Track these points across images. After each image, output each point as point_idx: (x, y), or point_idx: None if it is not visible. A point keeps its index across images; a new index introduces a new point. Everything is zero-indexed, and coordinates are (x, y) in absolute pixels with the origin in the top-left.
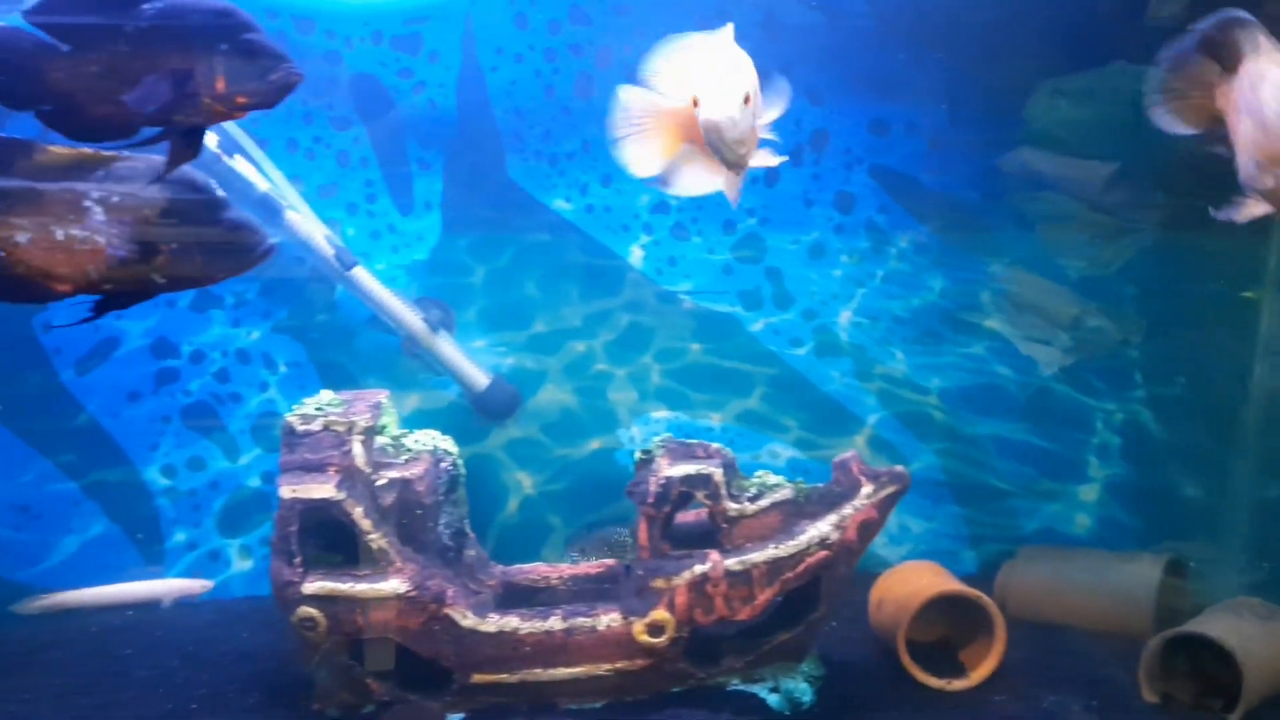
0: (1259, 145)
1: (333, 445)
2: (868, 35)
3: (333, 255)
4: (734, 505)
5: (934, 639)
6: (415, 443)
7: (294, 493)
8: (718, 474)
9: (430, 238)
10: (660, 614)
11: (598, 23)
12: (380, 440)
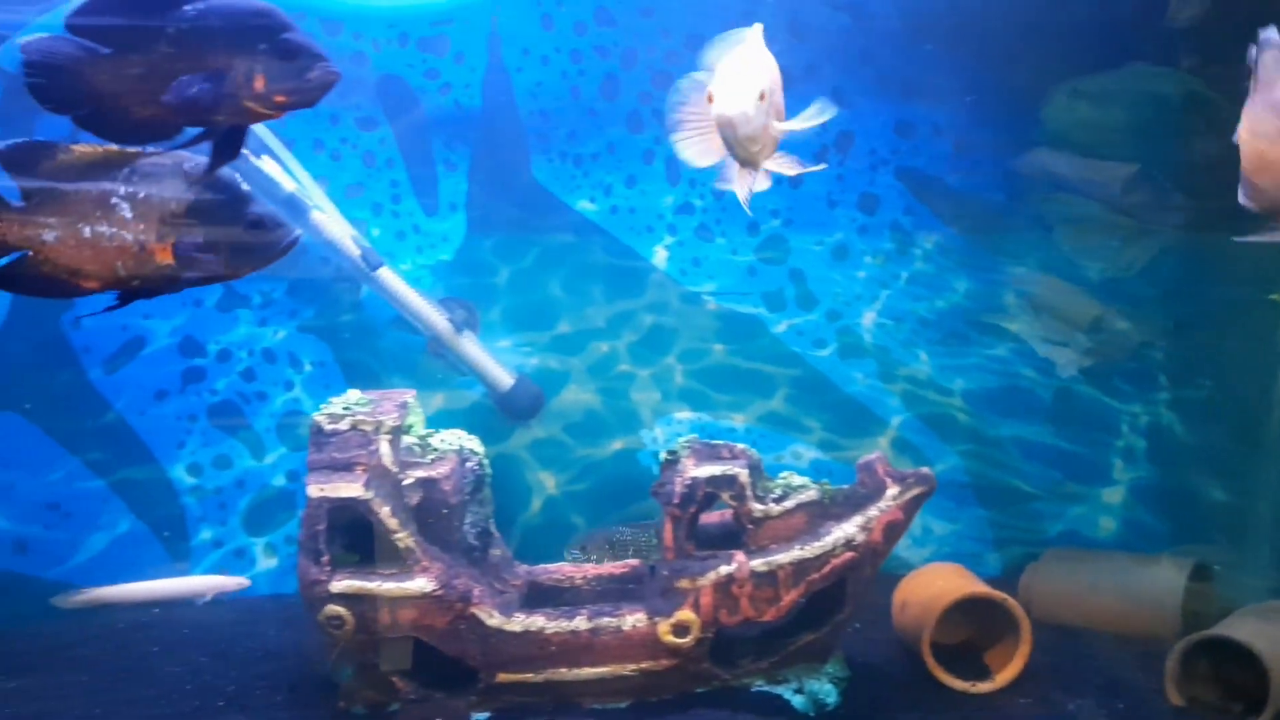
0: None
1: (360, 445)
2: (894, 37)
3: (358, 255)
4: (759, 506)
5: (958, 641)
6: (441, 442)
7: (322, 491)
8: (743, 475)
9: (455, 238)
10: (685, 614)
11: (623, 24)
12: (407, 440)
